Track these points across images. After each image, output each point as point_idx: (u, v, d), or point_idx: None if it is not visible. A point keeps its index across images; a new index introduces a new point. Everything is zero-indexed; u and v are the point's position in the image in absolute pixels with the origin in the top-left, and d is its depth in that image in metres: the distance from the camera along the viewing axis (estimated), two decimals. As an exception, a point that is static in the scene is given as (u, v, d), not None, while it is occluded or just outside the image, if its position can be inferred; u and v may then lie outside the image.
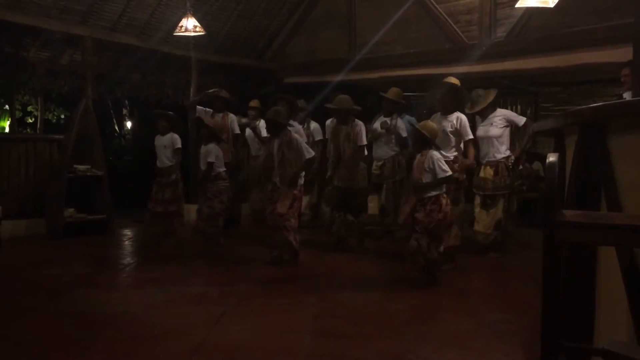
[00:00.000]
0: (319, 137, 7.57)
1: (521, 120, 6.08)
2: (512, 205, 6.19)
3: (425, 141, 4.94)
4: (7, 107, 10.09)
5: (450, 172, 4.91)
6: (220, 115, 7.20)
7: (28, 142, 7.52)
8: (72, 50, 7.80)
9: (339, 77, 8.59)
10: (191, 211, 6.81)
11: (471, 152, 5.80)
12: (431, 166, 4.83)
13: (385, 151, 6.69)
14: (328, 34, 9.26)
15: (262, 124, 7.17)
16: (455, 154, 5.66)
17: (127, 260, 6.41)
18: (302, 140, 5.95)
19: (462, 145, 5.74)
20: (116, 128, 12.76)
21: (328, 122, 7.09)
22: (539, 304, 2.60)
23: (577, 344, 2.17)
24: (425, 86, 8.05)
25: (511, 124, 6.06)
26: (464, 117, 5.75)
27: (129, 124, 13.08)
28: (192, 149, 8.48)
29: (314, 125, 7.62)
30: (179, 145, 6.70)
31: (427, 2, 8.10)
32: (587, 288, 2.35)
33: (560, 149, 2.61)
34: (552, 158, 1.88)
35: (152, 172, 6.78)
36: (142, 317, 4.16)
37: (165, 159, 6.62)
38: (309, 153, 5.70)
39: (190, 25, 6.88)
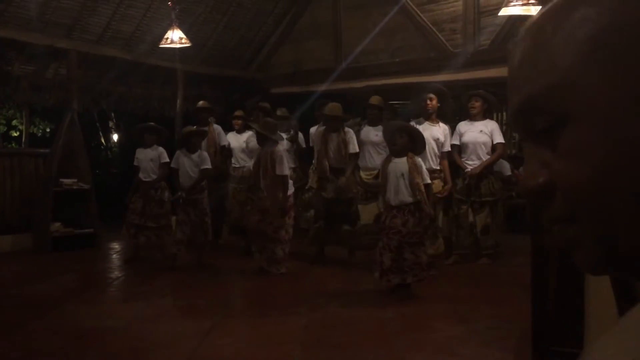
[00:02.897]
0: (302, 145, 7.57)
1: (499, 138, 6.15)
2: (499, 213, 6.22)
3: (417, 146, 4.96)
4: (-9, 121, 9.99)
5: (429, 181, 4.92)
6: (206, 127, 7.15)
7: (13, 156, 7.43)
8: (56, 63, 7.75)
9: (324, 87, 8.62)
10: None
11: (446, 164, 6.00)
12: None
13: (378, 161, 6.57)
14: (314, 44, 9.30)
15: (248, 134, 7.17)
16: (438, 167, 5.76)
17: (115, 274, 6.35)
18: (285, 153, 5.99)
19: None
20: (102, 141, 12.67)
21: (313, 129, 7.06)
22: (528, 309, 2.61)
23: (567, 349, 2.18)
24: (410, 94, 8.11)
25: (490, 136, 6.12)
26: (447, 128, 5.87)
27: (115, 137, 13.00)
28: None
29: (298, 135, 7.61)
30: (167, 159, 6.62)
31: (411, 11, 8.17)
32: (577, 293, 2.37)
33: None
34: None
35: (135, 184, 6.67)
36: (131, 331, 4.13)
37: (151, 173, 6.57)
38: (283, 170, 5.70)
39: (175, 37, 6.87)
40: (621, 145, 0.44)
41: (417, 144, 4.93)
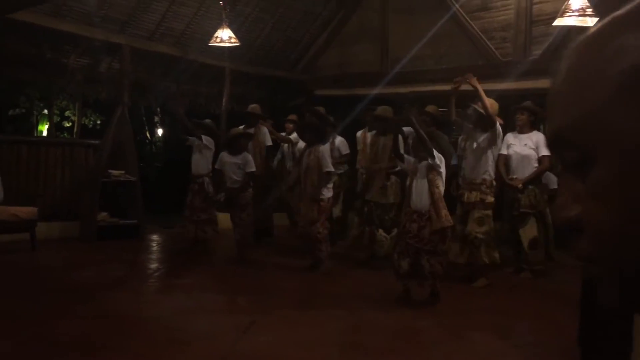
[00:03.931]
0: (345, 151, 7.51)
1: (545, 151, 5.91)
2: (549, 225, 6.07)
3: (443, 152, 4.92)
4: (46, 111, 10.35)
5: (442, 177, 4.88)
6: (253, 129, 7.30)
7: (65, 146, 7.70)
8: (110, 57, 7.99)
9: (370, 91, 8.58)
10: (222, 219, 6.89)
11: (501, 168, 5.91)
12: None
13: None
14: (360, 47, 9.29)
15: (294, 136, 7.27)
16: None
17: (157, 265, 6.50)
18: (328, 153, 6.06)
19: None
20: (147, 135, 12.95)
21: (359, 133, 7.05)
22: (572, 326, 2.55)
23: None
24: (457, 102, 7.99)
25: (535, 149, 5.98)
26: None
27: (159, 132, 13.28)
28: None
29: (339, 139, 7.58)
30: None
31: (461, 19, 8.09)
32: (626, 315, 2.31)
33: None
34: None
35: (183, 179, 6.85)
36: (172, 322, 4.21)
37: (201, 168, 6.71)
38: (328, 167, 5.84)
39: (225, 36, 6.98)
40: None
41: (442, 149, 4.90)
